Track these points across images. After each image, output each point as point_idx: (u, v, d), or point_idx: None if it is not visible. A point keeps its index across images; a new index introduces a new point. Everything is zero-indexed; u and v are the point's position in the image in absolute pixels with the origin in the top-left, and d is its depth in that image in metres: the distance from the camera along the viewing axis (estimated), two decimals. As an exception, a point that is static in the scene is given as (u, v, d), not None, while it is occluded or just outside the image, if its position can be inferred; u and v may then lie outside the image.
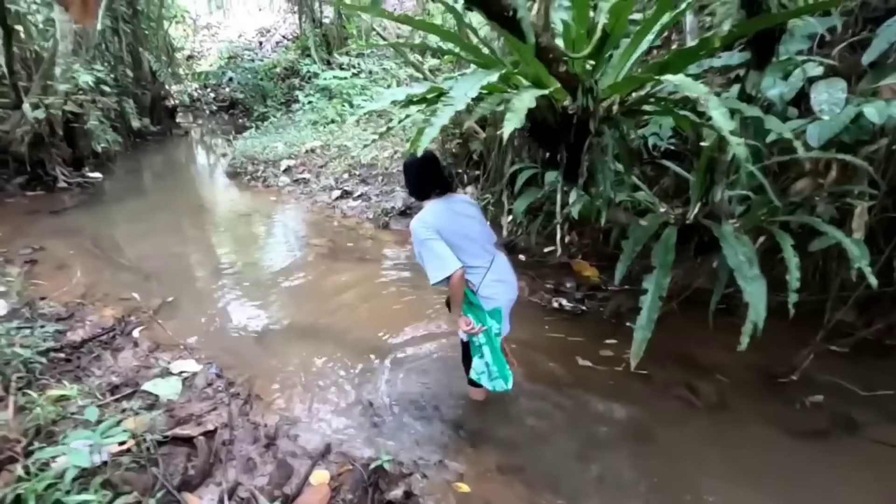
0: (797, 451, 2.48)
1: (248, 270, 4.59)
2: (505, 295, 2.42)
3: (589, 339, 3.40)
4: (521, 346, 3.33)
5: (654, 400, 2.86)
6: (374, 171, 6.94)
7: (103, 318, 3.53)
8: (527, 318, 3.64)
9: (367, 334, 3.46)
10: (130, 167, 8.94)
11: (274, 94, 12.37)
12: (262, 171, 7.76)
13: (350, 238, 5.38)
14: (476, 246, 2.35)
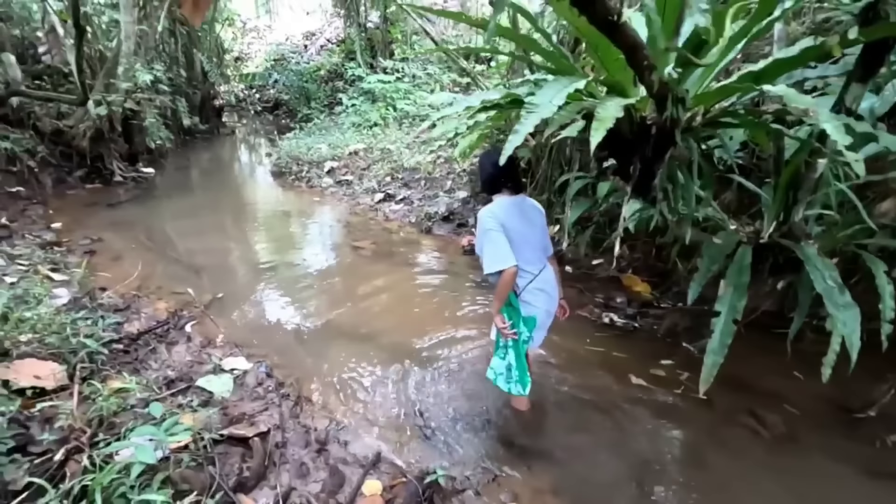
0: (873, 492, 2.29)
1: (292, 270, 4.64)
2: (544, 305, 2.39)
3: (642, 357, 3.26)
4: (572, 360, 3.23)
5: (714, 426, 2.71)
6: (416, 175, 6.94)
7: (157, 311, 3.61)
8: (576, 332, 3.54)
9: (411, 339, 3.42)
10: (180, 164, 9.25)
11: (317, 97, 12.59)
12: (306, 172, 7.88)
13: (392, 241, 5.38)
14: (532, 251, 2.35)
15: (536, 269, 2.35)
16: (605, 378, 3.07)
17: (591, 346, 3.40)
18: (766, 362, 2.99)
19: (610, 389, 2.98)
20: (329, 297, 4.07)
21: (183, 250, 4.99)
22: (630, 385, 3.03)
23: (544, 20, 4.65)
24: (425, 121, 8.18)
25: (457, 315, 3.76)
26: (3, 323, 2.63)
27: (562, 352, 3.32)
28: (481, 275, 2.58)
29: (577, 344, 3.42)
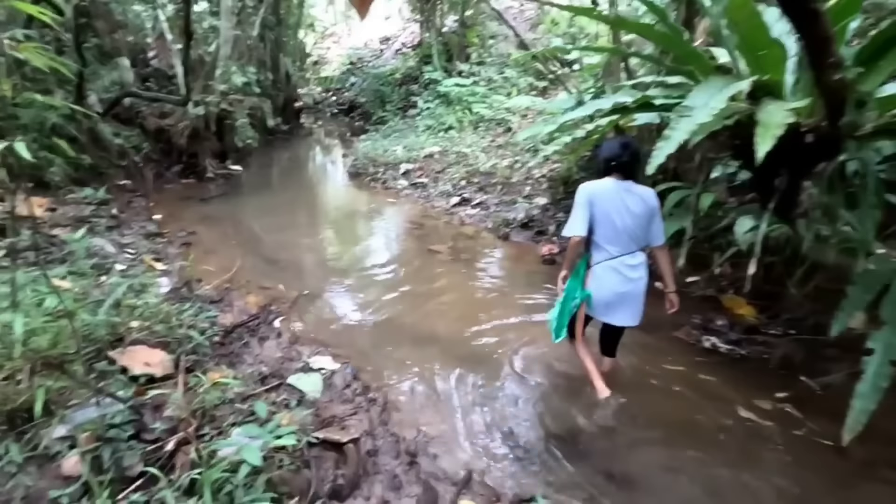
0: None
1: (370, 270, 4.66)
2: (611, 285, 2.54)
3: (752, 389, 2.94)
4: (671, 387, 2.98)
5: (846, 477, 2.37)
6: (492, 179, 6.83)
7: (248, 305, 3.73)
8: (674, 356, 3.28)
9: (495, 351, 3.31)
10: (264, 162, 9.71)
11: (392, 99, 12.81)
12: (381, 173, 7.99)
13: (469, 247, 5.29)
14: (617, 233, 2.49)
15: (617, 251, 2.51)
16: (710, 409, 2.79)
17: (692, 372, 3.12)
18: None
19: (716, 422, 2.70)
20: (407, 301, 4.03)
21: (268, 246, 5.18)
22: (738, 418, 2.73)
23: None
24: (501, 124, 8.05)
25: (541, 330, 3.58)
26: (117, 310, 2.79)
27: (660, 377, 3.07)
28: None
29: (675, 369, 3.16)
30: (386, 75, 13.59)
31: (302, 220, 6.35)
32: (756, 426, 2.68)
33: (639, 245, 2.58)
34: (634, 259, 2.56)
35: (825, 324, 3.37)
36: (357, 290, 4.25)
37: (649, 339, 3.44)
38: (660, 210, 2.62)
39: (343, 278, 4.47)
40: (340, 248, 5.34)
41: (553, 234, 5.21)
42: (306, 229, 5.98)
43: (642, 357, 3.24)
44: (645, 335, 3.51)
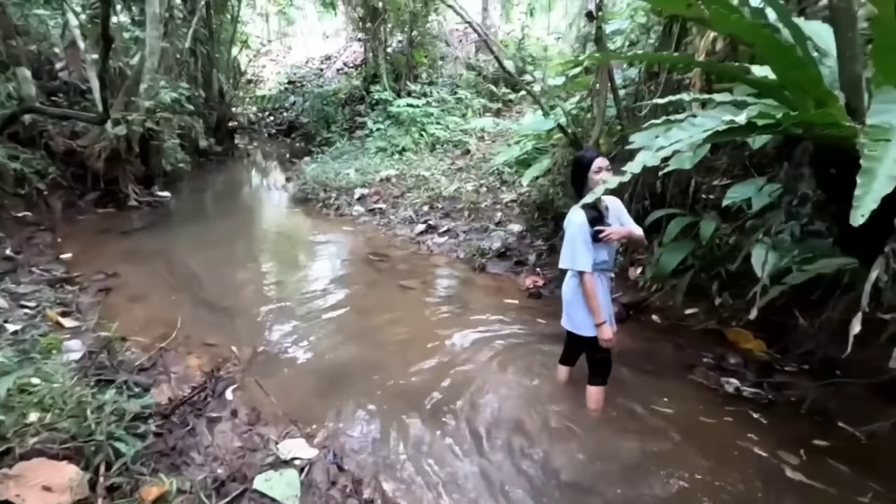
0: None
1: (340, 315, 4.02)
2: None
3: (791, 440, 2.62)
4: (704, 441, 2.59)
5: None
6: (457, 204, 6.41)
7: (189, 370, 3.00)
8: (698, 404, 2.92)
9: (502, 413, 2.80)
10: (196, 186, 8.73)
11: (337, 120, 12.19)
12: (334, 199, 7.34)
13: (444, 281, 4.78)
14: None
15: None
16: (752, 468, 2.43)
17: (726, 426, 2.76)
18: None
19: (765, 483, 2.35)
20: (388, 354, 3.43)
21: (211, 288, 4.39)
22: (786, 480, 2.40)
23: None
24: (459, 146, 7.69)
25: (536, 385, 3.10)
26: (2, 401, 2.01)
27: (687, 428, 2.70)
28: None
29: (704, 420, 2.80)
30: (329, 95, 12.96)
31: (248, 254, 5.57)
32: (807, 488, 2.35)
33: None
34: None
35: (836, 357, 3.25)
36: (324, 340, 3.60)
37: (667, 384, 3.10)
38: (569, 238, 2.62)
39: (306, 326, 3.80)
40: (298, 288, 4.64)
41: (535, 265, 4.83)
42: (254, 266, 5.22)
43: (667, 407, 2.87)
44: (660, 381, 3.17)
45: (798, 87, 1.49)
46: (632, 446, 2.56)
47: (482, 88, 10.46)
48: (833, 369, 3.22)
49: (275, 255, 5.66)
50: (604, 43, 3.73)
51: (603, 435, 2.65)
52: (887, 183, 0.91)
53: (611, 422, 2.75)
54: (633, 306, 4.03)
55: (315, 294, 4.42)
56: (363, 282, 4.75)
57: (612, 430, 2.68)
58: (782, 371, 3.27)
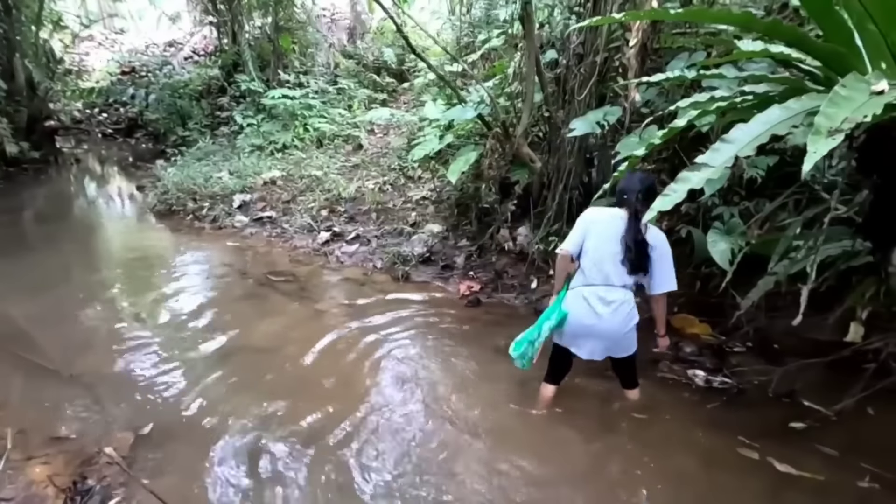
0: None
1: (250, 361, 3.17)
2: (577, 315, 2.39)
3: (770, 429, 2.57)
4: (704, 449, 2.42)
5: None
6: (361, 206, 5.73)
7: (35, 489, 2.01)
8: (682, 405, 2.76)
9: (469, 476, 2.32)
10: (8, 206, 6.73)
11: (194, 116, 10.48)
12: (207, 209, 6.14)
13: (367, 299, 4.09)
14: (602, 263, 2.36)
15: (596, 281, 2.37)
16: (746, 468, 2.31)
17: (709, 424, 2.62)
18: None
19: (760, 481, 2.23)
20: (315, 404, 2.66)
21: (48, 349, 3.19)
22: (779, 475, 2.30)
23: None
24: (350, 141, 6.98)
25: (527, 425, 2.67)
26: None
27: (678, 435, 2.50)
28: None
29: (689, 421, 2.63)
30: (181, 87, 11.09)
31: (96, 291, 4.27)
32: (792, 478, 2.27)
33: (622, 282, 2.37)
34: (611, 294, 2.36)
35: (772, 334, 3.37)
36: (233, 398, 2.76)
37: (643, 385, 2.88)
38: (670, 257, 2.40)
39: (203, 384, 2.90)
40: (179, 331, 3.60)
41: (465, 268, 4.41)
42: (109, 307, 3.99)
43: (652, 412, 2.67)
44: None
45: (891, 53, 1.21)
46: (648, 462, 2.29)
47: (364, 78, 9.71)
48: (771, 345, 3.35)
49: (137, 288, 4.44)
50: (532, 18, 3.39)
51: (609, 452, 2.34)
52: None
53: (611, 434, 2.46)
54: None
55: (205, 335, 3.47)
56: (267, 310, 3.88)
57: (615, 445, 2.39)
58: (733, 353, 3.29)
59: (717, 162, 1.20)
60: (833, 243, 2.13)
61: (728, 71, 1.99)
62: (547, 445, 2.47)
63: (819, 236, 1.80)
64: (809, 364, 2.84)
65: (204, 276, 4.63)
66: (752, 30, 1.59)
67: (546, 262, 4.01)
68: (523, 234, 4.17)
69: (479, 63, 5.77)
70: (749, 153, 1.18)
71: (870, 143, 1.46)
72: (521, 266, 4.15)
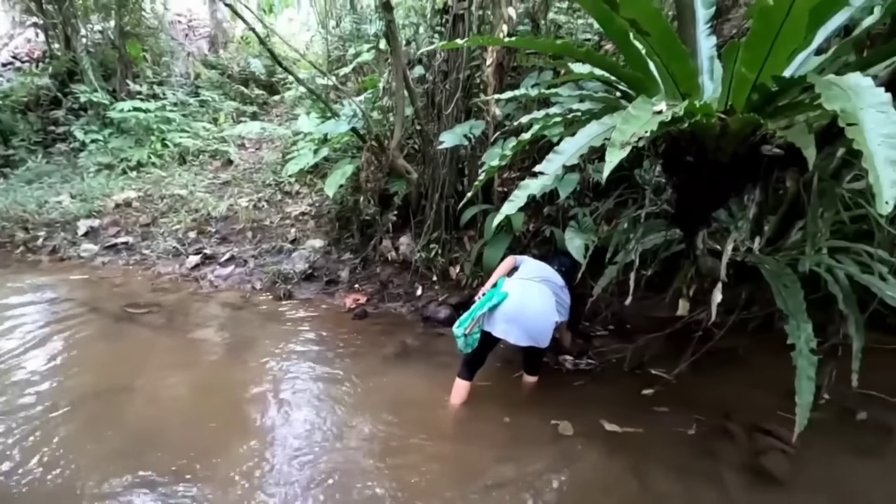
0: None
1: (105, 408, 2.82)
2: (517, 301, 2.65)
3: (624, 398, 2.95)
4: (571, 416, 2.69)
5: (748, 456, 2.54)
6: (235, 225, 5.41)
7: None
8: (552, 388, 3.04)
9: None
10: None
11: (19, 132, 8.96)
12: (44, 239, 5.32)
13: (246, 324, 3.89)
14: (533, 268, 2.90)
15: (534, 277, 2.82)
16: (594, 435, 2.60)
17: (576, 398, 2.94)
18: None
19: (595, 443, 2.53)
20: (192, 447, 2.45)
21: None
22: (616, 436, 2.63)
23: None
24: (218, 156, 6.60)
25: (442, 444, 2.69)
26: None
27: (551, 413, 2.76)
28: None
29: (561, 399, 2.92)
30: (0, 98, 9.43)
31: None
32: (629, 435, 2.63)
33: (552, 289, 2.80)
34: (545, 288, 2.77)
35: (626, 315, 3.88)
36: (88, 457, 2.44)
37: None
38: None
39: (50, 440, 2.52)
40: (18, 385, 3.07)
41: (350, 281, 4.38)
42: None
43: (531, 398, 2.92)
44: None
45: (672, 80, 1.52)
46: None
47: (230, 89, 9.15)
48: (625, 326, 3.85)
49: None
50: (396, 36, 3.52)
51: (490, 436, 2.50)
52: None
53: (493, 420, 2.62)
54: (461, 306, 4.02)
55: (49, 384, 3.01)
56: (127, 348, 3.48)
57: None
58: (596, 336, 3.72)
59: (550, 170, 1.39)
60: (655, 234, 2.54)
61: (564, 90, 2.30)
62: (448, 441, 2.57)
63: (640, 229, 2.15)
64: (653, 338, 3.32)
65: (44, 317, 3.99)
66: (572, 57, 1.88)
67: (429, 269, 4.17)
68: (405, 243, 4.28)
69: (351, 76, 5.80)
70: (575, 162, 1.39)
71: (668, 150, 1.80)
72: (406, 274, 4.25)
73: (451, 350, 3.33)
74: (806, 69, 1.79)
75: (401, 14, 4.56)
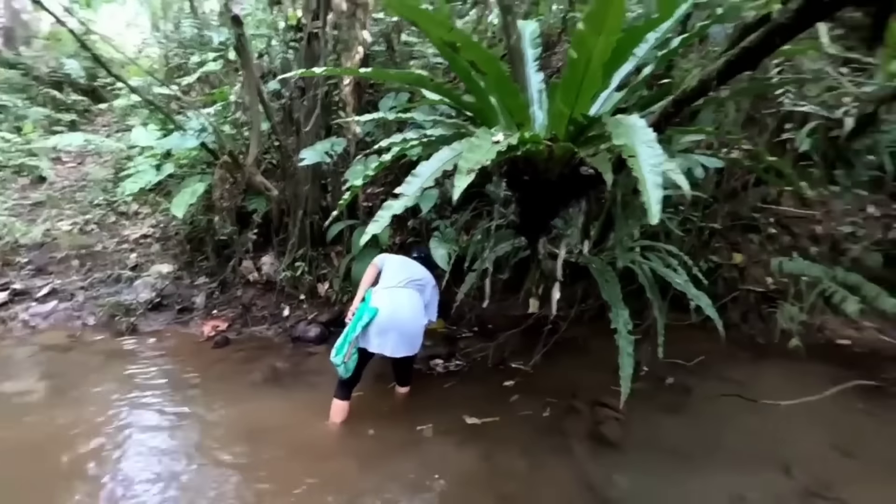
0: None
1: None
2: (389, 313, 2.72)
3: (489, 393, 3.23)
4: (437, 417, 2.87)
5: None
6: (55, 253, 4.63)
7: None
8: (425, 391, 3.19)
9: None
10: None
11: None
12: None
13: (79, 368, 3.32)
14: (397, 272, 2.95)
15: (399, 284, 2.89)
16: (452, 432, 2.78)
17: (443, 398, 3.13)
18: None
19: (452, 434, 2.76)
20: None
21: None
22: (470, 427, 2.87)
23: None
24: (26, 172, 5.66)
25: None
26: None
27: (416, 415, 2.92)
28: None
29: (431, 400, 3.08)
30: None
31: None
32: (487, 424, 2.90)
33: (417, 290, 2.93)
34: (412, 294, 2.87)
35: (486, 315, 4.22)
36: None
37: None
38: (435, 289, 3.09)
39: None
40: None
41: (207, 307, 4.05)
42: None
43: (408, 402, 3.04)
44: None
45: (508, 111, 1.78)
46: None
47: (38, 94, 7.76)
48: (487, 326, 4.19)
49: None
50: (247, 50, 3.40)
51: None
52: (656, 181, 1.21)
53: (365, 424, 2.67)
54: (332, 322, 3.98)
55: None
56: None
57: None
58: (462, 338, 3.98)
59: (409, 191, 1.53)
60: (506, 242, 2.87)
61: (420, 114, 2.49)
62: (316, 462, 2.54)
63: (492, 239, 2.42)
64: (511, 335, 3.69)
65: None
66: (424, 87, 2.06)
67: (296, 288, 4.06)
68: (268, 262, 4.11)
69: (196, 87, 5.37)
70: (430, 184, 1.55)
71: (509, 171, 2.08)
72: (271, 295, 4.08)
73: (324, 368, 3.31)
74: (611, 103, 2.23)
75: (251, 25, 4.39)
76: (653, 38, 2.07)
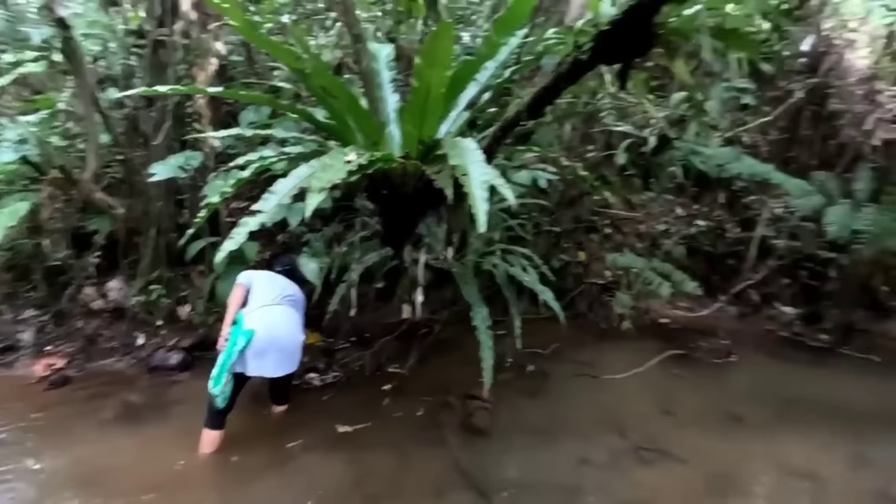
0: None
1: None
2: (266, 333, 2.65)
3: (368, 398, 3.31)
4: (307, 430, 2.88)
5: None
6: None
7: None
8: (302, 404, 3.15)
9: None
10: None
11: None
12: None
13: None
14: (267, 289, 2.89)
15: (272, 301, 2.83)
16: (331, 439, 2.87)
17: (320, 411, 3.14)
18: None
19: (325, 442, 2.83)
20: None
21: None
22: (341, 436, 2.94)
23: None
24: None
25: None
26: None
27: (298, 430, 2.90)
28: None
29: (309, 414, 3.07)
30: None
31: None
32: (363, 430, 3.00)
33: (293, 307, 2.90)
34: (286, 311, 2.83)
35: (361, 324, 4.28)
36: None
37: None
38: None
39: None
40: None
41: (37, 344, 3.52)
42: None
43: (286, 418, 2.99)
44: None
45: (362, 131, 1.91)
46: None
47: None
48: (364, 335, 4.26)
49: None
50: (78, 55, 3.06)
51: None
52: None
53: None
54: (197, 346, 3.72)
55: None
56: None
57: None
58: (339, 350, 3.99)
59: (266, 208, 1.57)
60: (374, 252, 2.99)
61: (279, 130, 2.50)
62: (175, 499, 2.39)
63: (359, 250, 2.53)
64: (387, 341, 3.81)
65: None
66: (278, 109, 2.11)
67: (151, 314, 3.72)
68: (116, 288, 3.71)
69: (10, 91, 4.62)
70: (287, 201, 1.61)
71: (369, 185, 2.21)
72: (120, 324, 3.68)
73: (188, 397, 3.11)
74: (461, 121, 2.47)
75: (82, 25, 3.93)
76: (492, 66, 2.36)
